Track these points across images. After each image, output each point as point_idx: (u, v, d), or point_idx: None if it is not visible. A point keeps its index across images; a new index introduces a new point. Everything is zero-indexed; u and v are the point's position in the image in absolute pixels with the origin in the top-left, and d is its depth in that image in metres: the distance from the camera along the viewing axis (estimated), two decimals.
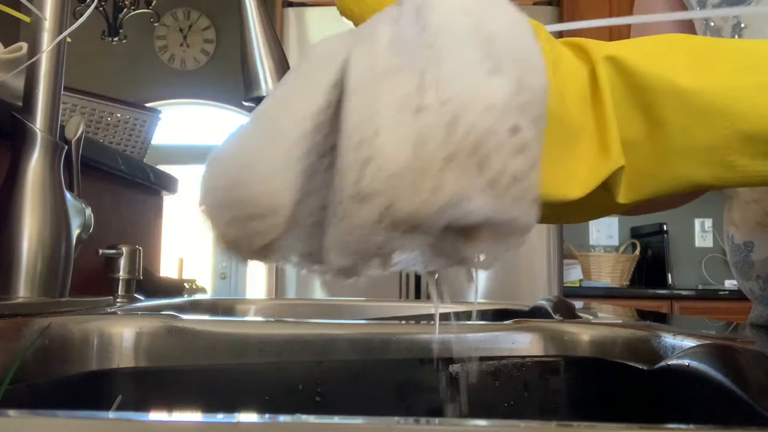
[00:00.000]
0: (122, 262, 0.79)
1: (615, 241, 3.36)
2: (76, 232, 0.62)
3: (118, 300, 0.78)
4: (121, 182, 1.06)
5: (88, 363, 0.49)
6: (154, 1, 3.87)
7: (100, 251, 0.78)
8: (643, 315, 0.75)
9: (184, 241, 4.78)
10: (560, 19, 2.41)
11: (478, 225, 0.26)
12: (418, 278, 2.22)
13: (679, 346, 0.45)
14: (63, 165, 0.61)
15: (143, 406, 0.49)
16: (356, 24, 0.37)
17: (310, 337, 0.51)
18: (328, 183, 0.27)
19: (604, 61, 0.31)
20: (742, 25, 0.57)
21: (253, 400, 0.50)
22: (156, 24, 4.14)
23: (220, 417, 0.21)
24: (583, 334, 0.52)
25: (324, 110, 0.27)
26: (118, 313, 0.56)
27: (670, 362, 0.42)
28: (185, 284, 1.04)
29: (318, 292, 2.27)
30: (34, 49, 0.59)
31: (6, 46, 0.87)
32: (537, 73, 0.27)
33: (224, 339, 0.51)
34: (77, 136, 0.68)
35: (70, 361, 0.48)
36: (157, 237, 1.24)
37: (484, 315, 0.91)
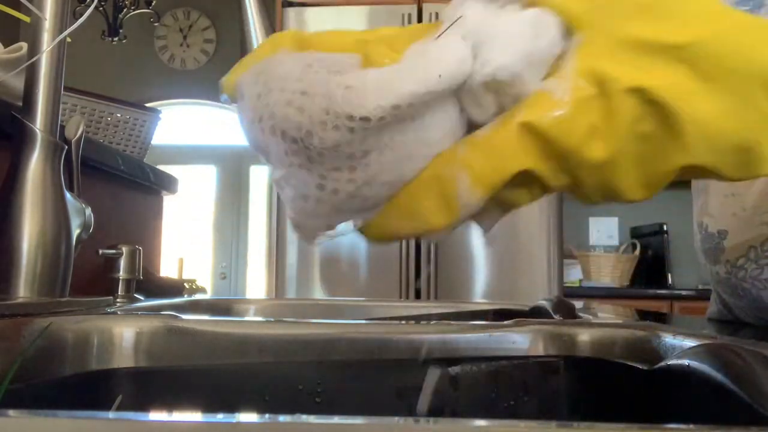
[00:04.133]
0: (122, 262, 0.79)
1: (615, 241, 3.36)
2: (76, 232, 0.62)
3: (118, 300, 0.78)
4: (121, 182, 1.06)
5: (88, 363, 0.49)
6: (154, 1, 3.87)
7: (100, 251, 0.78)
8: (643, 315, 0.75)
9: (184, 241, 4.79)
10: None
11: None
12: (418, 278, 2.22)
13: (679, 346, 0.45)
14: (63, 165, 0.61)
15: (143, 406, 0.49)
16: None
17: (310, 337, 0.51)
18: None
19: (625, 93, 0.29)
20: None
21: (253, 400, 0.50)
22: (156, 24, 4.14)
23: (220, 417, 0.21)
24: (583, 334, 0.52)
25: None
26: (118, 313, 0.56)
27: (670, 362, 0.42)
28: (185, 284, 1.04)
29: (318, 292, 2.27)
30: (34, 49, 0.59)
31: (6, 46, 0.87)
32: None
33: (224, 339, 0.51)
34: (77, 136, 0.68)
35: (71, 361, 0.48)
36: (157, 237, 1.24)
37: (484, 315, 0.91)
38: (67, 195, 0.61)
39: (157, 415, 0.21)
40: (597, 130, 0.28)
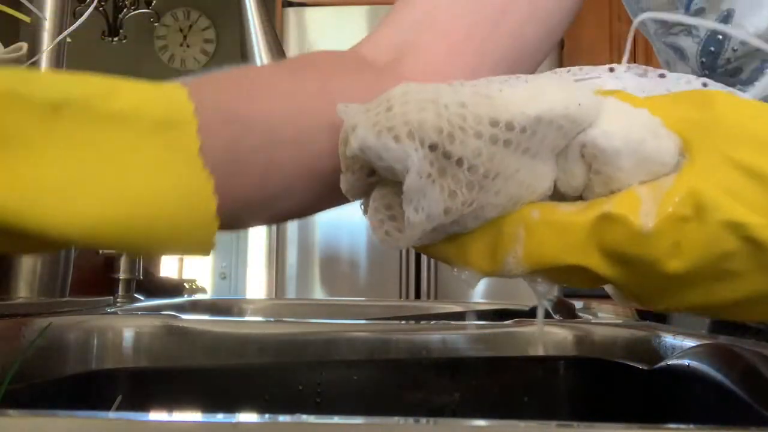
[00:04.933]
0: (122, 262, 0.79)
1: None
2: None
3: (118, 300, 0.78)
4: None
5: (88, 363, 0.49)
6: (154, 1, 3.87)
7: (100, 251, 0.78)
8: (643, 315, 0.75)
9: None
10: None
11: None
12: (418, 278, 2.22)
13: (679, 346, 0.45)
14: None
15: (143, 406, 0.49)
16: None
17: (310, 337, 0.51)
18: None
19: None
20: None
21: (253, 400, 0.50)
22: (156, 24, 4.14)
23: (220, 417, 0.21)
24: (583, 334, 0.52)
25: None
26: (118, 313, 0.56)
27: (670, 362, 0.42)
28: (185, 284, 1.04)
29: (318, 292, 2.27)
30: (34, 49, 0.59)
31: (6, 46, 0.87)
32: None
33: (224, 339, 0.51)
34: None
35: (70, 361, 0.48)
36: None
37: (484, 315, 0.91)
38: None
39: (157, 415, 0.21)
40: (681, 250, 0.27)
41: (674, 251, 0.26)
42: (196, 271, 4.79)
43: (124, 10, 3.82)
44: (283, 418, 0.21)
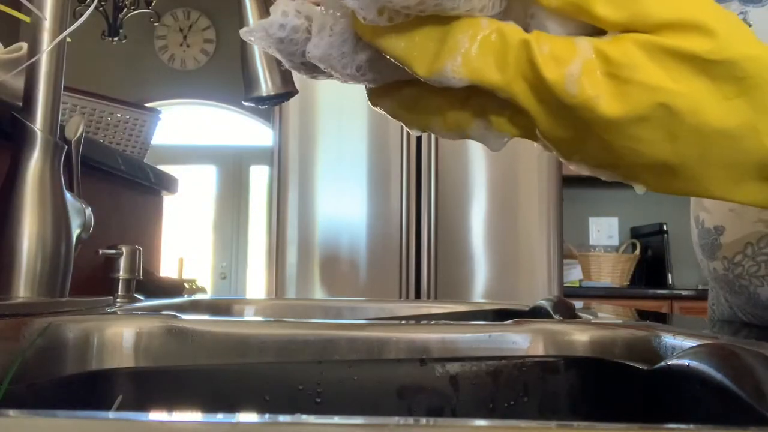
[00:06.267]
0: (122, 262, 0.79)
1: (615, 241, 3.36)
2: (76, 232, 0.62)
3: (118, 300, 0.78)
4: (121, 182, 1.06)
5: (88, 363, 0.49)
6: (154, 1, 3.87)
7: (100, 251, 0.78)
8: (643, 315, 0.75)
9: (184, 241, 4.79)
10: None
11: None
12: (418, 278, 2.22)
13: (679, 346, 0.45)
14: (63, 165, 0.61)
15: (143, 406, 0.49)
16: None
17: (310, 337, 0.51)
18: None
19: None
20: (750, 23, 0.56)
21: (253, 400, 0.50)
22: (156, 24, 4.14)
23: (220, 417, 0.21)
24: (583, 334, 0.52)
25: None
26: (118, 313, 0.56)
27: (670, 362, 0.42)
28: (185, 284, 1.04)
29: (318, 292, 2.27)
30: (34, 49, 0.59)
31: (6, 46, 0.87)
32: None
33: (224, 339, 0.51)
34: (77, 136, 0.68)
35: (70, 361, 0.48)
36: (157, 237, 1.24)
37: (484, 315, 0.91)
38: (67, 195, 0.61)
39: (157, 415, 0.21)
40: (601, 103, 0.29)
41: (596, 106, 0.29)
42: (196, 271, 4.79)
43: (124, 10, 3.82)
44: (283, 418, 0.21)
